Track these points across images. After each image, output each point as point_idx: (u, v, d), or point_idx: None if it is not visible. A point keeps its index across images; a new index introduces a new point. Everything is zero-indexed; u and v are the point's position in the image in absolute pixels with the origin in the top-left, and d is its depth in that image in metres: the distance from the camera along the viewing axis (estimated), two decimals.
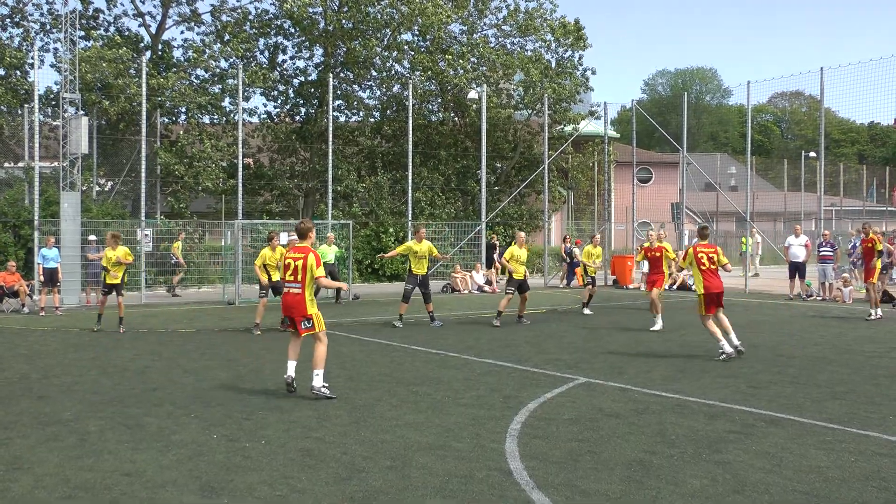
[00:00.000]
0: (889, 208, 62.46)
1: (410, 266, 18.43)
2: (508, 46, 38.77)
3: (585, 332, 17.45)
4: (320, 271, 10.46)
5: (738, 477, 7.13)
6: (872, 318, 19.72)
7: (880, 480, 7.10)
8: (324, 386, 10.30)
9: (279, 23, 35.83)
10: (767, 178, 69.09)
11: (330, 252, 22.75)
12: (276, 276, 16.99)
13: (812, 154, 54.19)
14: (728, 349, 13.55)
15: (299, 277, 10.45)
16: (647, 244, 19.32)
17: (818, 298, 25.42)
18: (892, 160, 77.40)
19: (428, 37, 36.09)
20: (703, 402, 10.14)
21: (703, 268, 13.97)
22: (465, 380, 11.67)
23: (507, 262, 18.91)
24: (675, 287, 29.47)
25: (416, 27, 35.50)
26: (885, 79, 28.22)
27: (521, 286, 19.07)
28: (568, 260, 31.22)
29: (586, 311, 21.24)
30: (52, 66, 32.32)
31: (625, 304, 21.20)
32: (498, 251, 30.80)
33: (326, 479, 7.01)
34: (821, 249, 25.29)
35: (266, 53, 36.44)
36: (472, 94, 36.22)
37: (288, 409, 9.73)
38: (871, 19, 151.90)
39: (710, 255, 14.10)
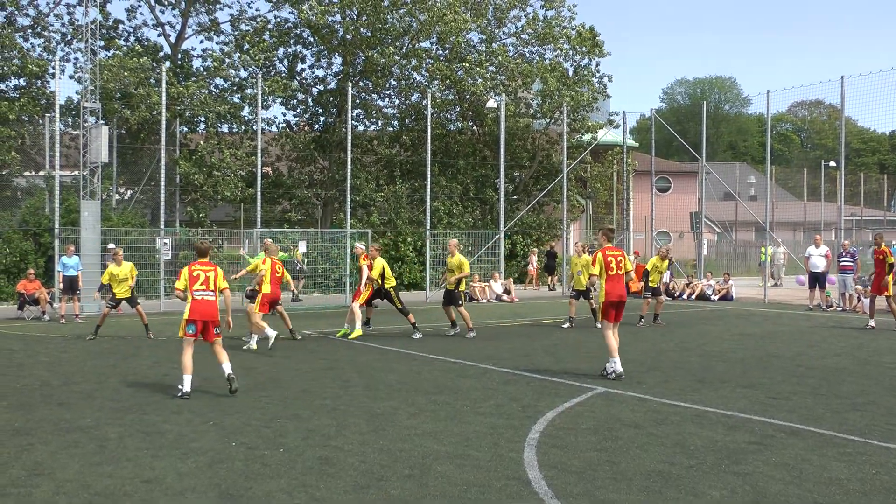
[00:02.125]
0: None
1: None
2: (527, 55, 38.79)
3: (602, 343, 17.37)
4: (225, 284, 11.54)
5: (757, 488, 7.09)
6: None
7: None
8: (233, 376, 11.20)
9: (298, 32, 36.01)
10: (787, 188, 68.77)
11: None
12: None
13: (832, 163, 53.85)
14: (618, 369, 12.57)
15: (211, 286, 11.32)
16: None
17: (838, 309, 25.26)
18: None
19: (446, 45, 36.18)
20: (722, 413, 10.08)
21: (611, 273, 12.90)
22: (484, 389, 11.66)
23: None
24: (693, 297, 29.36)
25: (434, 35, 35.59)
26: None
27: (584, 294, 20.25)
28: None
29: (659, 320, 21.34)
30: (72, 76, 32.64)
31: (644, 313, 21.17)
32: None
33: (345, 488, 7.02)
34: (841, 260, 25.10)
35: (285, 62, 36.66)
36: (491, 104, 36.26)
37: (306, 417, 9.74)
38: (892, 28, 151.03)
39: (618, 259, 13.03)
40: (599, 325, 20.05)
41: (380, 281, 17.93)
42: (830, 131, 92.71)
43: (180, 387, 11.04)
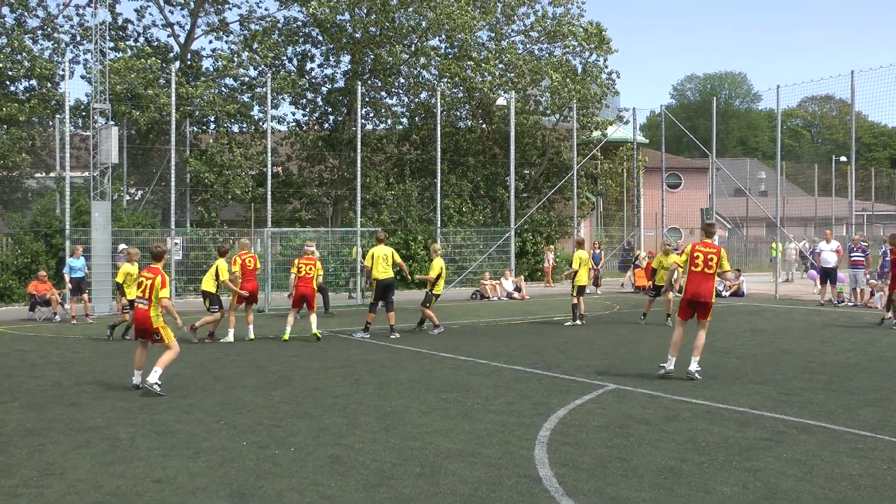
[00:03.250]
0: None
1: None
2: (536, 52, 38.74)
3: (615, 338, 17.38)
4: (165, 293, 11.40)
5: (768, 484, 7.07)
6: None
7: None
8: (157, 383, 11.09)
9: (307, 30, 36.05)
10: (797, 183, 68.51)
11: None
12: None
13: (843, 158, 53.65)
14: (669, 367, 12.32)
15: (147, 295, 11.44)
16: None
17: (850, 304, 25.16)
18: None
19: (455, 43, 36.16)
20: (733, 409, 10.06)
21: (694, 269, 12.37)
22: (495, 386, 11.65)
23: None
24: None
25: (442, 33, 35.57)
26: None
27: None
28: (595, 265, 31.04)
29: (670, 321, 19.69)
30: (82, 77, 32.75)
31: (655, 309, 21.06)
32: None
33: (356, 486, 7.02)
34: (852, 255, 24.99)
35: (294, 61, 36.70)
36: (501, 101, 36.22)
37: (317, 415, 9.75)
38: None
39: (707, 255, 12.33)
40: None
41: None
42: (841, 126, 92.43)
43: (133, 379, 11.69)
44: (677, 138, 58.27)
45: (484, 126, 39.41)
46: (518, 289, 29.76)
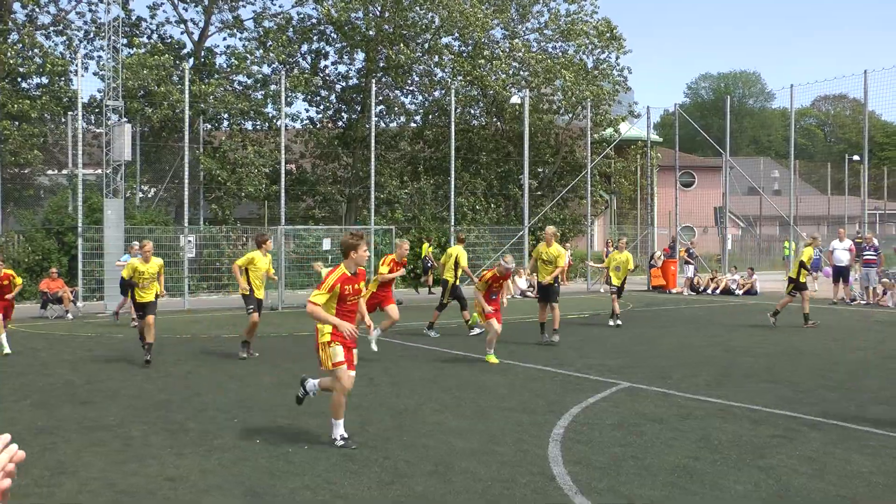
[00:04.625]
0: None
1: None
2: (549, 50, 38.67)
3: (629, 337, 17.34)
4: None
5: (781, 482, 7.06)
6: None
7: None
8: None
9: (321, 28, 36.08)
10: (811, 182, 68.21)
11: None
12: (259, 293, 14.77)
13: (856, 157, 53.36)
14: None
15: None
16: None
17: (862, 303, 25.05)
18: None
19: (469, 41, 36.13)
20: (746, 408, 10.02)
21: None
22: (509, 385, 11.64)
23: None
24: (717, 292, 29.22)
25: (456, 31, 35.55)
26: None
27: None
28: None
29: (611, 322, 19.48)
30: (95, 73, 32.77)
31: (668, 307, 20.99)
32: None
33: (369, 484, 7.02)
34: (864, 253, 24.91)
35: (308, 59, 36.74)
36: (515, 99, 36.18)
37: (328, 414, 9.73)
38: None
39: None
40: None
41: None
42: (854, 125, 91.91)
43: None
44: (691, 137, 58.02)
45: (498, 124, 39.36)
46: (532, 286, 29.70)
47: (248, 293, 14.55)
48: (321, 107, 37.65)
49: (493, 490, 6.86)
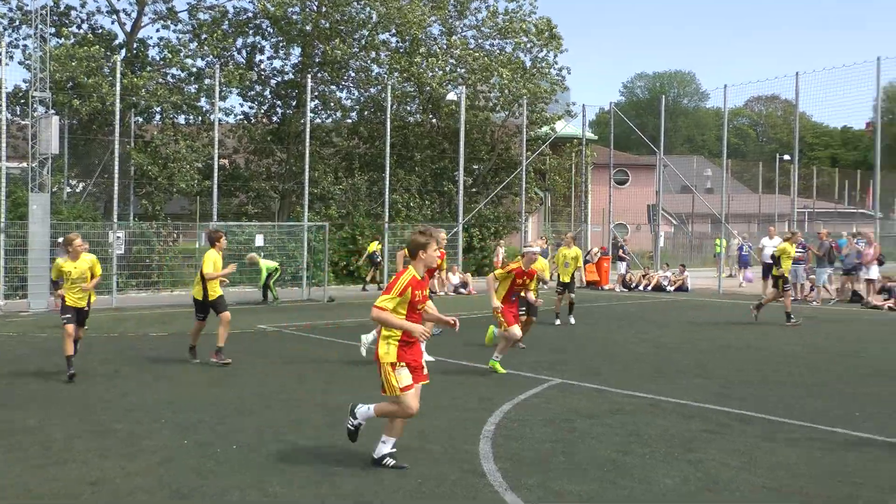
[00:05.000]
0: (860, 210, 63.02)
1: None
2: (487, 48, 38.73)
3: (562, 334, 17.44)
4: None
5: (709, 475, 7.17)
6: None
7: (846, 475, 7.26)
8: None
9: (257, 22, 35.65)
10: (742, 181, 69.49)
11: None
12: (217, 291, 13.46)
13: (786, 157, 54.46)
14: None
15: None
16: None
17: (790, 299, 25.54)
18: (864, 163, 78.16)
19: (406, 38, 36.02)
20: (677, 402, 10.15)
21: None
22: (440, 382, 11.59)
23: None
24: (649, 288, 29.58)
25: (393, 27, 35.42)
26: (858, 84, 28.50)
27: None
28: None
29: (558, 321, 19.38)
30: (21, 63, 31.86)
31: (601, 304, 21.18)
32: None
33: (299, 484, 6.94)
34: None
35: (243, 53, 36.24)
36: (451, 96, 36.16)
37: (261, 412, 9.63)
38: (846, 25, 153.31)
39: None
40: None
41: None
42: (785, 126, 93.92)
43: None
44: (626, 135, 58.74)
45: (434, 121, 39.31)
46: (465, 284, 29.78)
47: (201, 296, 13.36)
48: (256, 102, 37.17)
49: (424, 487, 6.83)
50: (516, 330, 12.65)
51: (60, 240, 21.30)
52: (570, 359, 13.89)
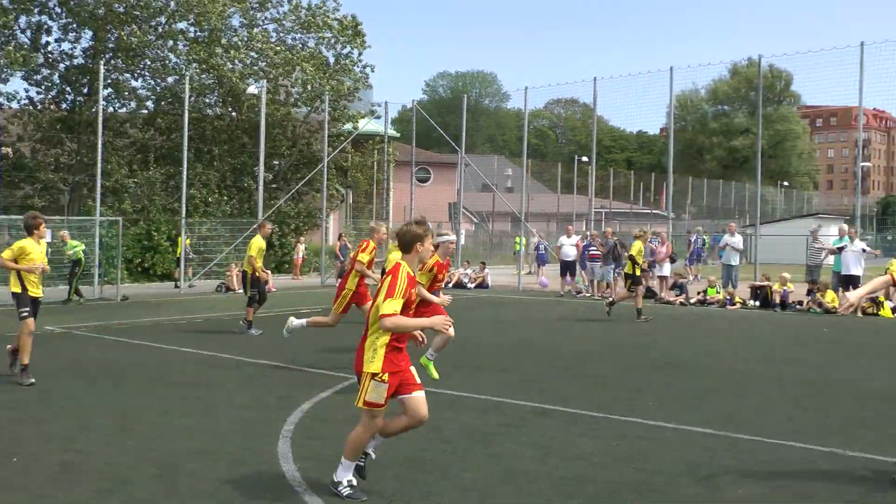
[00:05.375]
0: (654, 211, 66.48)
1: None
2: (289, 42, 38.25)
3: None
4: None
5: (508, 468, 7.33)
6: None
7: (639, 461, 7.57)
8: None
9: (43, 0, 33.66)
10: (542, 181, 71.91)
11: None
12: (36, 290, 11.52)
13: (584, 159, 56.76)
14: None
15: None
16: None
17: (587, 295, 26.57)
18: (658, 167, 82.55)
19: (206, 28, 35.04)
20: (476, 398, 10.31)
21: None
22: (238, 381, 11.36)
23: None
24: (450, 285, 30.04)
25: (192, 16, 34.38)
26: (653, 91, 30.02)
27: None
28: (342, 258, 30.92)
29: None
30: None
31: None
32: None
33: (87, 495, 6.56)
34: (589, 249, 26.45)
35: (28, 33, 34.15)
36: (252, 90, 35.46)
37: (46, 420, 9.05)
38: (640, 33, 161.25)
39: None
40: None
41: None
42: (584, 129, 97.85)
43: None
44: (428, 133, 59.43)
45: (234, 115, 38.43)
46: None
47: (20, 291, 11.45)
48: (43, 86, 35.13)
49: (222, 492, 6.62)
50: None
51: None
52: None
